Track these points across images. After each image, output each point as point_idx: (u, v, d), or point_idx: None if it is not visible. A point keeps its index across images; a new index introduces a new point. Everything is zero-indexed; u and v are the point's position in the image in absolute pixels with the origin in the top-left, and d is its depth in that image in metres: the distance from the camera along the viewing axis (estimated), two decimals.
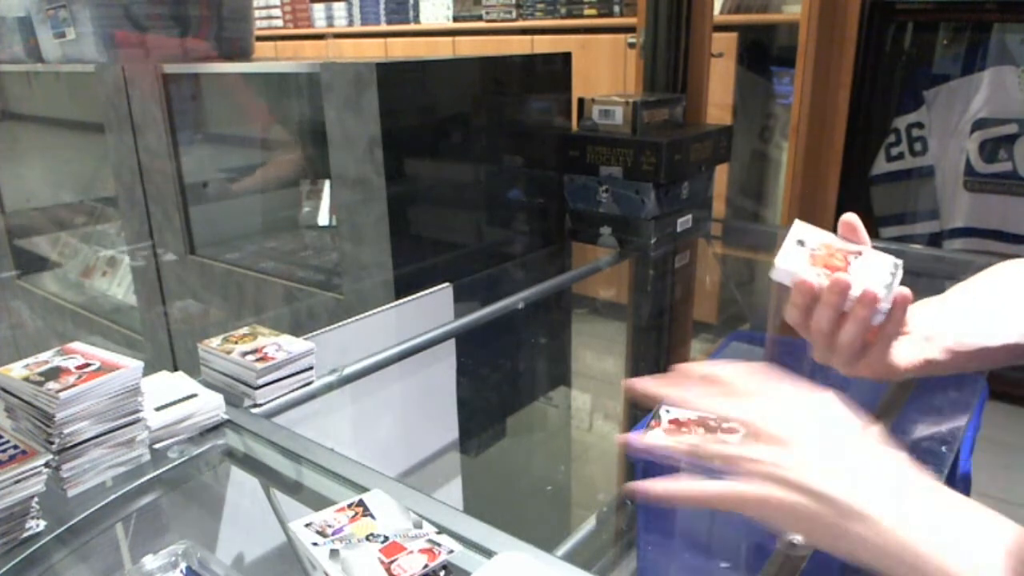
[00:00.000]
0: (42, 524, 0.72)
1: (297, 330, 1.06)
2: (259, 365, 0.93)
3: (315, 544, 0.65)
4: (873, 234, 1.91)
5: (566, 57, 1.69)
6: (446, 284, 1.35)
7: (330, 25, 3.88)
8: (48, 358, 0.81)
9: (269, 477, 0.84)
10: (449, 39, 3.39)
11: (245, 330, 1.02)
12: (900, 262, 0.71)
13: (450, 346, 1.33)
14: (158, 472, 0.82)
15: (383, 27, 3.70)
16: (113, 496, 0.78)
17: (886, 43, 1.83)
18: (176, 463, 0.83)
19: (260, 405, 0.94)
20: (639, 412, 1.41)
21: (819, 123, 1.85)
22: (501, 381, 1.66)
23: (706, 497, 0.49)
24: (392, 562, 0.62)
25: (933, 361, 0.69)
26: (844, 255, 0.71)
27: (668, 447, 0.53)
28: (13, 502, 0.69)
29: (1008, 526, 0.38)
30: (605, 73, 2.87)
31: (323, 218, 2.04)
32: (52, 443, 0.74)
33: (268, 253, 1.96)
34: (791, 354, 0.87)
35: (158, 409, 0.85)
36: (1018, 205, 1.64)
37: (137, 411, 0.80)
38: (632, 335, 1.81)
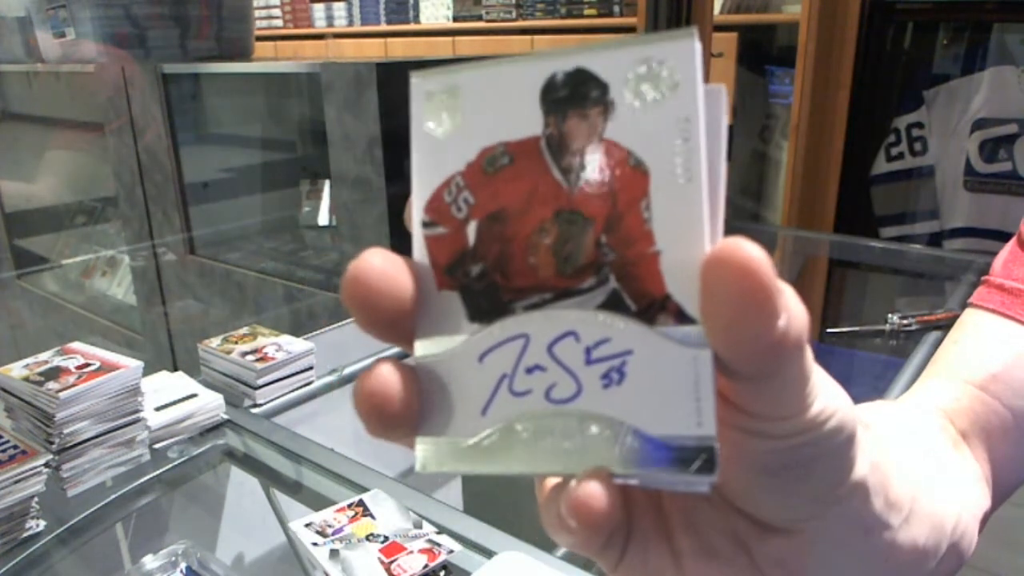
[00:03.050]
0: (42, 524, 0.72)
1: (297, 330, 1.06)
2: (259, 365, 0.93)
3: (315, 544, 0.65)
4: (873, 234, 1.91)
5: None
6: None
7: (330, 25, 3.88)
8: (48, 358, 0.81)
9: (269, 477, 0.84)
10: (449, 39, 3.39)
11: (245, 330, 1.02)
12: None
13: None
14: (158, 472, 0.82)
15: (383, 27, 3.70)
16: (113, 496, 0.78)
17: (886, 43, 1.83)
18: (176, 463, 0.83)
19: (260, 405, 0.94)
20: None
21: (819, 123, 1.85)
22: None
23: None
24: (392, 562, 0.63)
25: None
26: None
27: None
28: (13, 502, 0.69)
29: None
30: None
31: (323, 218, 2.04)
32: (52, 443, 0.74)
33: (268, 253, 1.96)
34: None
35: (158, 409, 0.85)
36: (1018, 205, 1.64)
37: (137, 411, 0.80)
38: None
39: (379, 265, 0.18)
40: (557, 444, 0.18)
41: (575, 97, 0.18)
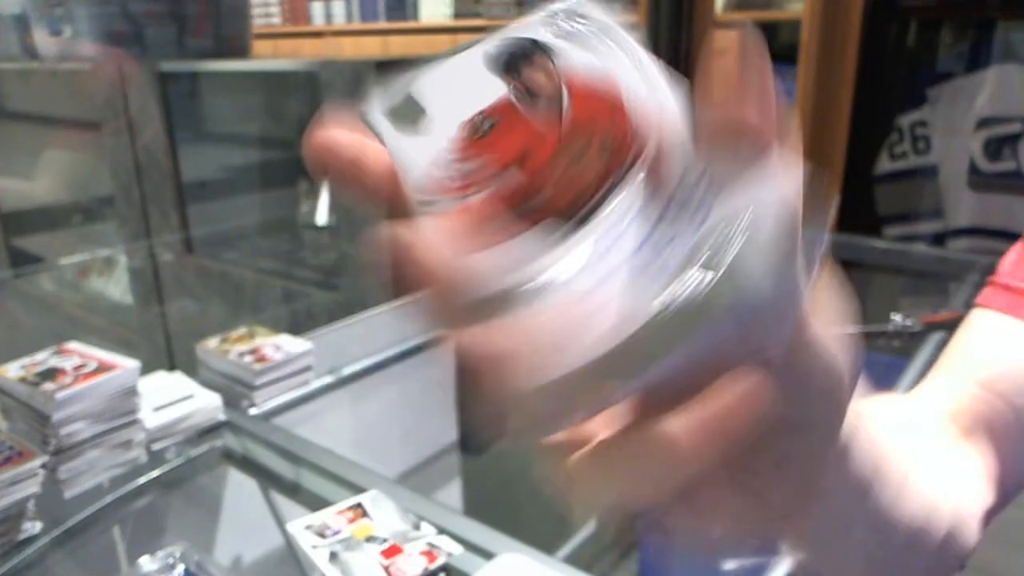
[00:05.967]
0: (39, 526, 0.72)
1: (295, 330, 1.05)
2: (257, 366, 0.93)
3: (314, 547, 0.64)
4: (876, 233, 1.90)
5: None
6: None
7: (328, 22, 3.87)
8: (45, 358, 0.80)
9: (267, 478, 0.83)
10: (449, 36, 3.38)
11: (243, 330, 1.02)
12: None
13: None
14: (155, 474, 0.81)
15: (382, 24, 3.69)
16: (110, 498, 0.77)
17: (889, 40, 1.82)
18: (174, 464, 0.83)
19: (258, 406, 0.93)
20: None
21: (821, 121, 1.84)
22: None
23: None
24: (391, 564, 0.62)
25: None
26: None
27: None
28: (9, 504, 0.69)
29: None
30: None
31: (321, 218, 2.03)
32: (48, 444, 0.73)
33: (266, 253, 1.96)
34: None
35: (156, 410, 0.84)
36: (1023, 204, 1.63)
37: (134, 412, 0.79)
38: None
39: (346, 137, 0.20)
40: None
41: (520, 55, 0.21)
